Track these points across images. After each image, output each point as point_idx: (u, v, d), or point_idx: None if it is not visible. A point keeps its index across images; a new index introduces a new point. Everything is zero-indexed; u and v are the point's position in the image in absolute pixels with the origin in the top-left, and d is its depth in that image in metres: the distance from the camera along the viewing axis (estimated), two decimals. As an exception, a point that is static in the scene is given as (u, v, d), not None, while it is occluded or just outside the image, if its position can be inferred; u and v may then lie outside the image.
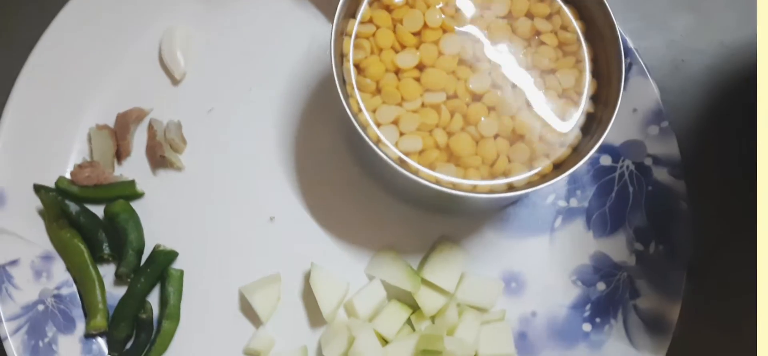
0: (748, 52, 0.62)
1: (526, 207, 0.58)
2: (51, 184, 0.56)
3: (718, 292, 0.58)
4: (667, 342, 0.54)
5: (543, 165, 0.50)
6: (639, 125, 0.57)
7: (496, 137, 0.50)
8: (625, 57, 0.51)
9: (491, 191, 0.49)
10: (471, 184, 0.49)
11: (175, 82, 0.59)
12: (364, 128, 0.49)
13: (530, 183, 0.50)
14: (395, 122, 0.50)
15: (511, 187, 0.50)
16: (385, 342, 0.54)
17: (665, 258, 0.55)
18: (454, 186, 0.49)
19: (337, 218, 0.58)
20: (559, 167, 0.50)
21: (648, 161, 0.57)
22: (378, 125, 0.50)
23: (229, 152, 0.58)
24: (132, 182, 0.57)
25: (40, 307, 0.54)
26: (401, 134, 0.50)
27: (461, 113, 0.50)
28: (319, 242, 0.57)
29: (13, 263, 0.54)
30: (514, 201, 0.57)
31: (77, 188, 0.56)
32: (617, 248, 0.57)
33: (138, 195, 0.57)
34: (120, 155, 0.58)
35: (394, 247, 0.57)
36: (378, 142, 0.50)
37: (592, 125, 0.51)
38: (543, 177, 0.50)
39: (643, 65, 0.57)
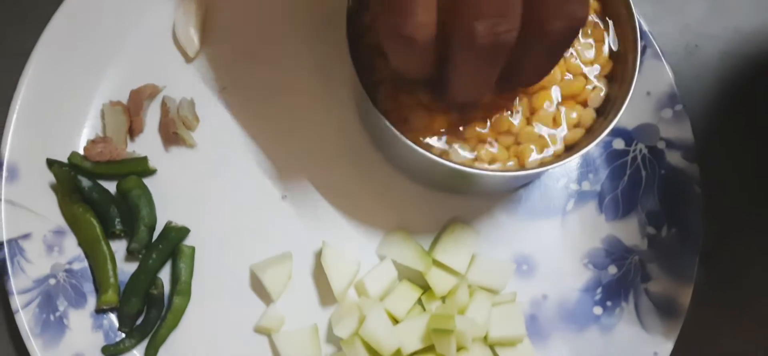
0: (763, 39, 0.62)
1: (538, 190, 0.58)
2: (64, 159, 0.56)
3: (731, 277, 0.57)
4: (678, 325, 0.54)
5: (556, 146, 0.50)
6: (652, 109, 0.57)
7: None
8: (640, 40, 0.50)
9: (504, 171, 0.49)
10: (483, 166, 0.49)
11: (188, 59, 0.59)
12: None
13: (543, 163, 0.49)
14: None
15: (523, 166, 0.49)
16: (395, 321, 0.54)
17: (677, 242, 0.55)
18: (467, 164, 0.49)
19: (349, 198, 0.58)
20: (571, 148, 0.50)
21: (661, 145, 0.57)
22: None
23: (241, 130, 0.58)
24: (144, 159, 0.57)
25: (52, 281, 0.54)
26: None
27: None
28: (330, 222, 0.57)
29: (26, 236, 0.54)
30: (527, 183, 0.57)
31: (90, 163, 0.56)
32: (629, 231, 0.57)
33: (150, 172, 0.57)
34: (133, 131, 0.58)
35: (406, 227, 0.57)
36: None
37: (606, 105, 0.51)
38: (556, 157, 0.49)
39: (658, 48, 0.57)
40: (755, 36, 0.62)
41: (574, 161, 0.56)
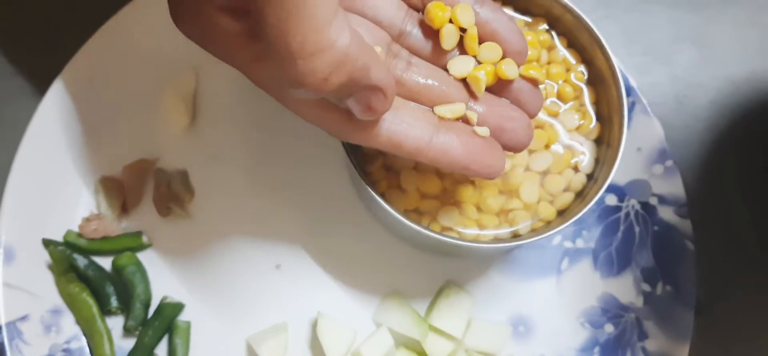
0: (752, 87, 0.62)
1: (532, 250, 0.58)
2: (59, 238, 0.57)
3: (728, 333, 0.57)
4: (676, 385, 0.54)
5: (547, 212, 0.50)
6: (643, 164, 0.57)
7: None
8: (628, 95, 0.51)
9: (495, 240, 0.49)
10: (475, 233, 0.49)
11: (181, 130, 0.59)
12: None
13: (534, 231, 0.50)
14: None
15: (515, 235, 0.50)
16: (393, 390, 0.54)
17: (672, 299, 0.55)
18: (459, 236, 0.49)
19: (343, 264, 0.58)
20: (563, 213, 0.50)
21: (653, 201, 0.56)
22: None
23: (235, 198, 0.58)
24: (139, 235, 0.57)
25: (50, 362, 0.55)
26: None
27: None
28: (325, 289, 0.57)
29: (23, 318, 0.55)
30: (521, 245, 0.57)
31: (85, 241, 0.57)
32: (624, 289, 0.56)
33: (145, 247, 0.58)
34: (127, 206, 0.58)
35: (401, 291, 0.57)
36: (383, 195, 0.50)
37: (595, 168, 0.51)
38: (548, 224, 0.50)
39: (646, 104, 0.57)
40: (745, 84, 0.62)
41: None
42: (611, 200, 0.58)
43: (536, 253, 0.58)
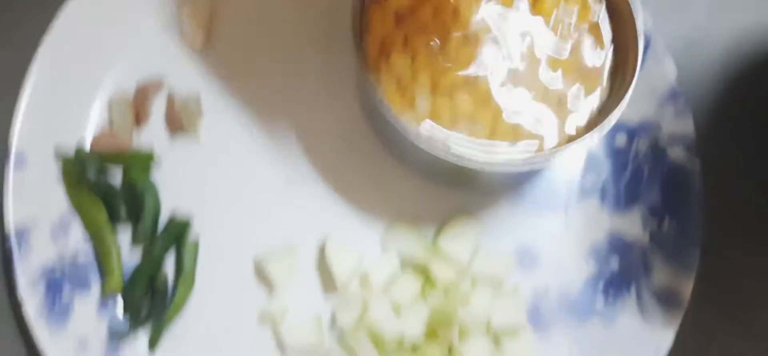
0: (764, 37, 0.62)
1: (541, 183, 0.58)
2: (71, 151, 0.57)
3: (731, 272, 0.58)
4: (679, 317, 0.54)
5: (559, 139, 0.51)
6: (655, 104, 0.57)
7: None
8: (643, 36, 0.51)
9: (507, 163, 0.50)
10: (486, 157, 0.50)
11: (195, 53, 0.60)
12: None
13: (542, 154, 0.50)
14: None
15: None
16: (398, 311, 0.54)
17: (679, 235, 0.56)
18: (470, 157, 0.49)
19: (353, 190, 0.58)
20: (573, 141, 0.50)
21: (663, 140, 0.57)
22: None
23: (245, 122, 0.59)
24: (150, 154, 0.58)
25: (58, 269, 0.55)
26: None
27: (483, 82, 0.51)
28: (334, 213, 0.58)
29: (32, 225, 0.55)
30: (530, 177, 0.58)
31: (96, 155, 0.57)
32: (631, 225, 0.57)
33: (155, 164, 0.58)
34: (139, 122, 0.58)
35: (409, 219, 0.57)
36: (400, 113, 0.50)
37: (608, 101, 0.52)
38: (558, 146, 0.50)
39: (660, 45, 0.57)
40: (757, 34, 0.62)
41: (578, 155, 0.56)
42: (621, 139, 0.58)
43: (545, 187, 0.58)
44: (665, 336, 0.54)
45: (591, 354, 0.55)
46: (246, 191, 0.58)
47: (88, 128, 0.58)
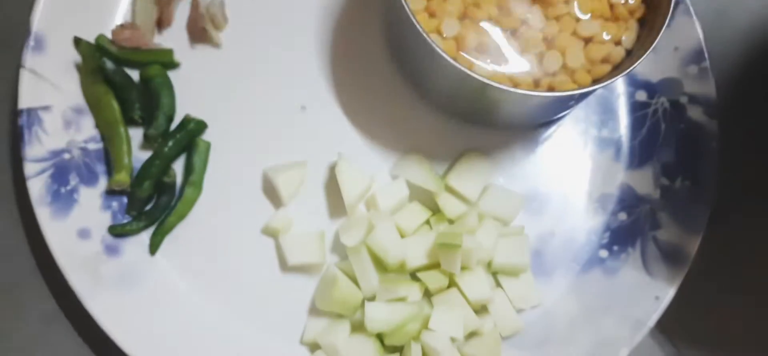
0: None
1: (557, 129, 0.58)
2: (91, 40, 0.56)
3: (739, 235, 0.58)
4: (682, 272, 0.54)
5: (583, 79, 0.50)
6: (678, 64, 0.57)
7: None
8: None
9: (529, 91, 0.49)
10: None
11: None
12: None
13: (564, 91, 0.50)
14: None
15: (551, 88, 0.50)
16: (403, 236, 0.54)
17: (690, 194, 0.56)
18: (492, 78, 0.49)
19: (368, 116, 0.58)
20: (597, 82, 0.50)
21: (683, 99, 0.57)
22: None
23: (268, 36, 0.58)
24: (170, 51, 0.57)
25: (66, 156, 0.54)
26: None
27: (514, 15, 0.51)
28: (347, 138, 0.57)
29: (46, 108, 0.55)
30: (547, 118, 0.57)
31: (116, 48, 0.57)
32: (643, 181, 0.57)
33: (174, 65, 0.58)
34: (161, 23, 0.58)
35: (422, 151, 0.57)
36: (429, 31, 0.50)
37: (634, 48, 0.51)
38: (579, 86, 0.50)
39: (689, 4, 0.57)
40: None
41: (597, 104, 0.56)
42: (641, 96, 0.58)
43: (560, 133, 0.58)
44: (667, 289, 0.54)
45: (590, 303, 0.55)
46: (261, 106, 0.57)
47: (110, 22, 0.58)
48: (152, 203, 0.56)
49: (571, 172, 0.58)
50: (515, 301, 0.54)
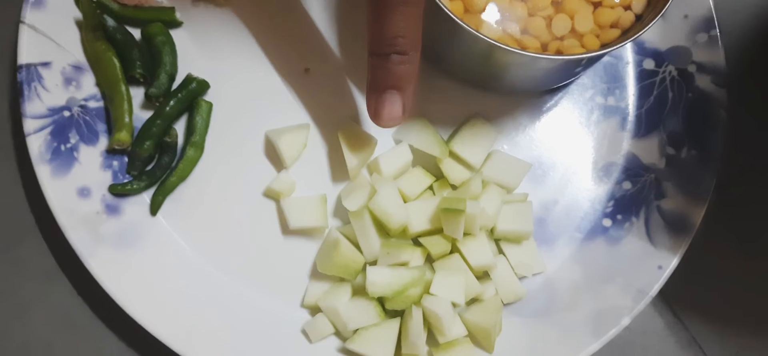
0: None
1: (564, 97, 0.57)
2: (92, -4, 0.56)
3: (744, 205, 0.57)
4: (686, 242, 0.54)
5: (592, 43, 0.50)
6: (688, 32, 0.57)
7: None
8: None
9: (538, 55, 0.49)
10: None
11: None
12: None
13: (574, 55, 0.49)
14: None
15: (560, 52, 0.49)
16: (406, 201, 0.53)
17: (696, 163, 0.55)
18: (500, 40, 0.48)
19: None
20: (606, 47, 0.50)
21: (692, 68, 0.56)
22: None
23: (272, -2, 0.58)
24: (172, 9, 0.56)
25: (66, 113, 0.54)
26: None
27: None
28: (350, 102, 0.57)
29: (46, 65, 0.54)
30: (555, 84, 0.57)
31: (117, 5, 0.56)
32: (649, 150, 0.57)
33: (176, 24, 0.57)
34: (163, -19, 0.57)
35: (426, 116, 0.56)
36: None
37: (644, 14, 0.51)
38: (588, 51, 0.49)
39: (699, -28, 0.56)
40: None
41: (605, 72, 0.55)
42: (649, 64, 0.57)
43: (567, 101, 0.57)
44: (670, 258, 0.54)
45: (592, 271, 0.55)
46: (265, 67, 0.57)
47: (112, -20, 0.57)
48: (153, 163, 0.55)
49: (576, 140, 0.57)
50: (517, 268, 0.54)
